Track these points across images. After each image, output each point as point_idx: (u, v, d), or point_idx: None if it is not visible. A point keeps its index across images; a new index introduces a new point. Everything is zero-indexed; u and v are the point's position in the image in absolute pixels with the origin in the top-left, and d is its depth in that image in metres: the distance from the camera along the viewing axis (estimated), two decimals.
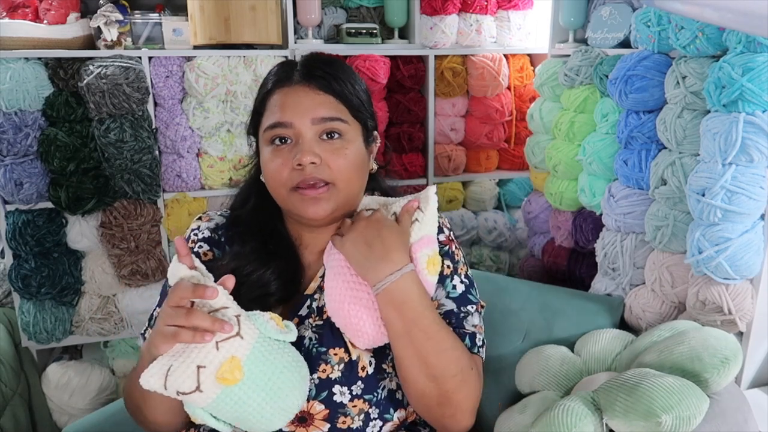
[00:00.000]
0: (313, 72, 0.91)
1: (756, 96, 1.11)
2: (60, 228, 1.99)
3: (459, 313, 0.93)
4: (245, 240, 0.94)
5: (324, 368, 0.87)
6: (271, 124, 0.89)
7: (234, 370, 0.73)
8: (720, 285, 1.23)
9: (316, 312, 0.92)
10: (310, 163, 0.86)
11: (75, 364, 2.11)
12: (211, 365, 0.73)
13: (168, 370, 0.73)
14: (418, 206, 0.90)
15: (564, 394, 1.17)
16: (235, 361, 0.73)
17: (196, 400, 0.74)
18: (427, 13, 2.12)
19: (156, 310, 0.97)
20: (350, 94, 0.91)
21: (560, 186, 1.84)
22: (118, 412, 1.24)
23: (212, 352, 0.73)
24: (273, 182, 0.90)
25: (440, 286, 0.93)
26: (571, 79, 1.75)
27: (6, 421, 1.86)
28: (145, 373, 0.74)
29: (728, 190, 1.16)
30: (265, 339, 0.78)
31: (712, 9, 0.93)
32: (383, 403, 0.90)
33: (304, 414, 0.87)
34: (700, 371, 1.02)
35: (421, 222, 0.88)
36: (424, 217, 0.89)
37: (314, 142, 0.87)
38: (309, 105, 0.88)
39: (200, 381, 0.72)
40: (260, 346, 0.76)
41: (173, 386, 0.73)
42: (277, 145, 0.89)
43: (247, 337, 0.75)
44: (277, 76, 0.93)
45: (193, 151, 2.04)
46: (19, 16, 1.95)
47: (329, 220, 0.91)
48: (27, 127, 1.85)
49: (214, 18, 1.91)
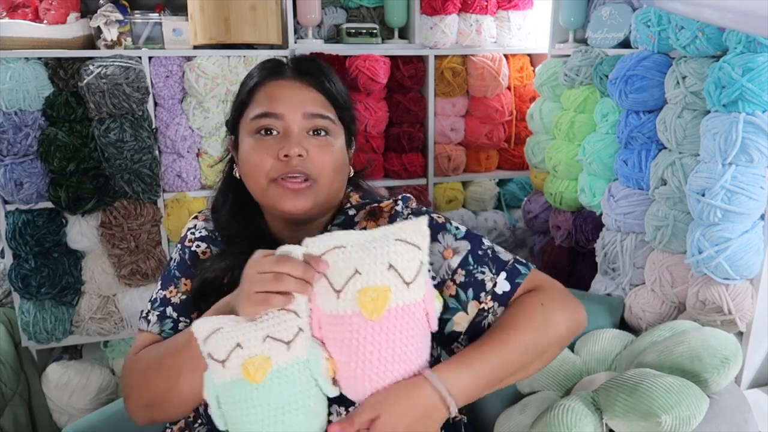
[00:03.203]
0: (306, 69, 0.91)
1: (756, 96, 1.11)
2: (60, 228, 1.99)
3: (479, 249, 0.88)
4: (230, 240, 0.93)
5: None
6: (259, 114, 0.88)
7: (260, 369, 0.71)
8: (720, 285, 1.23)
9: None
10: (297, 155, 0.85)
11: (75, 364, 2.11)
12: (247, 350, 0.71)
13: (217, 330, 0.72)
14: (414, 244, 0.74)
15: (564, 394, 1.17)
16: (267, 362, 0.71)
17: (216, 372, 0.72)
18: (427, 13, 2.12)
19: (159, 292, 0.95)
20: (337, 94, 0.91)
21: (560, 186, 1.84)
22: (118, 412, 1.23)
23: (258, 339, 0.71)
24: (253, 173, 0.88)
25: (445, 232, 0.89)
26: (571, 79, 1.75)
27: (6, 421, 1.86)
28: (199, 320, 0.73)
29: (728, 190, 1.16)
30: (306, 369, 0.74)
31: (712, 9, 0.93)
32: None
33: None
34: (700, 371, 1.02)
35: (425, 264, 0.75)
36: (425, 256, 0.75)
37: (302, 136, 0.87)
38: (301, 99, 0.88)
39: (230, 356, 0.71)
40: (297, 371, 0.73)
41: (211, 346, 0.72)
42: (262, 135, 0.88)
43: (292, 352, 0.72)
44: (267, 69, 0.92)
45: (193, 151, 2.04)
46: (19, 16, 1.95)
47: (307, 216, 0.89)
48: (27, 127, 1.85)
49: (214, 18, 1.91)
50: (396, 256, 0.72)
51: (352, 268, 0.71)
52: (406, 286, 0.72)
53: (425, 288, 0.75)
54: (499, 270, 0.87)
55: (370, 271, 0.71)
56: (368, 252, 0.72)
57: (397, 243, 0.73)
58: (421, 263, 0.74)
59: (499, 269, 0.88)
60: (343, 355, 0.73)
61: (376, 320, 0.71)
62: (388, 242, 0.73)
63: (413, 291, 0.73)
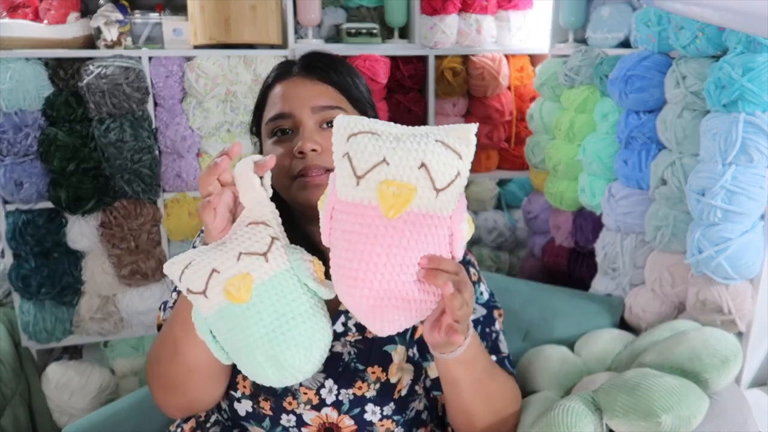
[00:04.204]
0: (312, 63, 0.92)
1: (756, 96, 1.11)
2: (60, 228, 1.99)
3: (488, 327, 0.96)
4: None
5: (360, 385, 0.86)
6: (272, 117, 0.90)
7: (242, 288, 0.67)
8: (720, 285, 1.23)
9: (356, 329, 0.90)
10: (311, 150, 0.85)
11: (75, 364, 2.11)
12: (224, 273, 0.68)
13: (188, 264, 0.70)
14: (455, 150, 0.65)
15: (564, 394, 1.17)
16: (248, 278, 0.68)
17: (202, 306, 0.70)
18: (427, 13, 2.12)
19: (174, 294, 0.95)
20: (349, 85, 0.92)
21: (560, 186, 1.84)
22: (118, 412, 1.24)
23: (232, 260, 0.69)
24: (275, 173, 0.88)
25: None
26: (571, 79, 1.75)
27: (6, 421, 1.86)
28: (169, 261, 0.72)
29: (728, 190, 1.16)
30: (293, 276, 0.71)
31: (712, 9, 0.93)
32: (409, 423, 0.91)
33: (332, 425, 0.87)
34: (700, 371, 1.02)
35: (462, 176, 0.66)
36: (465, 168, 0.66)
37: (315, 131, 0.88)
38: (308, 94, 0.89)
39: (209, 285, 0.68)
40: (283, 280, 0.70)
41: (186, 280, 0.69)
42: (279, 137, 0.90)
43: (272, 263, 0.70)
44: (278, 71, 0.95)
45: (193, 151, 2.04)
46: (19, 16, 1.95)
47: None
48: (27, 127, 1.85)
49: (214, 18, 1.91)
50: (431, 156, 0.63)
51: (380, 156, 0.63)
52: (435, 193, 0.64)
53: (455, 205, 0.66)
54: (491, 354, 0.94)
55: (399, 164, 0.63)
56: (401, 144, 0.64)
57: (436, 144, 0.64)
58: (458, 173, 0.65)
59: (492, 353, 0.94)
60: (348, 251, 0.65)
61: (392, 219, 0.63)
62: (428, 140, 0.64)
63: (441, 201, 0.65)
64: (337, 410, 0.86)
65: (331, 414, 0.86)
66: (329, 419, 0.86)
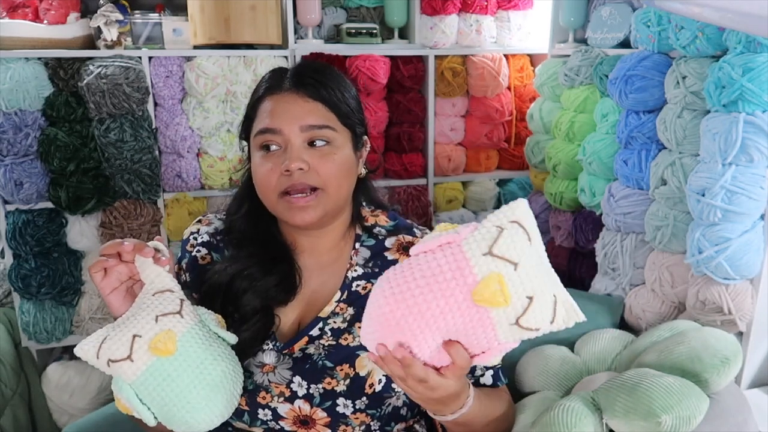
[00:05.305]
0: (303, 80, 0.91)
1: (756, 96, 1.11)
2: (60, 228, 1.99)
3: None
4: (242, 245, 0.95)
5: (329, 381, 0.87)
6: (260, 130, 0.90)
7: (168, 341, 0.74)
8: (720, 285, 1.23)
9: (330, 334, 0.91)
10: (297, 170, 0.86)
11: (75, 364, 2.11)
12: (146, 335, 0.75)
13: (104, 339, 0.75)
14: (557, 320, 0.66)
15: (564, 394, 1.17)
16: (171, 334, 0.75)
17: (126, 371, 0.74)
18: (427, 13, 2.12)
19: None
20: (339, 101, 0.92)
21: (560, 186, 1.84)
22: (118, 412, 1.23)
23: (150, 323, 0.75)
24: (262, 188, 0.90)
25: None
26: (571, 79, 1.75)
27: (6, 421, 1.86)
28: (80, 343, 0.76)
29: (728, 190, 1.16)
30: (204, 326, 0.80)
31: (712, 9, 0.93)
32: (386, 417, 0.91)
33: (306, 417, 0.87)
34: (700, 371, 1.02)
35: (536, 334, 0.66)
36: (543, 332, 0.66)
37: (302, 149, 0.88)
38: (298, 112, 0.89)
39: (133, 349, 0.74)
40: (199, 330, 0.79)
41: (105, 354, 0.74)
42: (267, 152, 0.90)
43: (187, 318, 0.78)
44: (269, 83, 0.94)
45: (193, 151, 2.04)
46: (19, 16, 1.95)
47: (319, 224, 0.92)
48: (27, 127, 1.85)
49: (214, 18, 1.91)
50: (542, 301, 0.64)
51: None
52: (515, 321, 0.64)
53: (513, 342, 0.66)
54: (488, 366, 0.95)
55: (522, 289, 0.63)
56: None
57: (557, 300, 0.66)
58: (538, 330, 0.65)
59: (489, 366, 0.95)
60: (413, 297, 0.63)
61: (473, 300, 0.62)
62: (558, 289, 0.67)
63: (508, 330, 0.65)
64: (309, 403, 0.87)
65: (303, 406, 0.87)
66: (302, 411, 0.87)
